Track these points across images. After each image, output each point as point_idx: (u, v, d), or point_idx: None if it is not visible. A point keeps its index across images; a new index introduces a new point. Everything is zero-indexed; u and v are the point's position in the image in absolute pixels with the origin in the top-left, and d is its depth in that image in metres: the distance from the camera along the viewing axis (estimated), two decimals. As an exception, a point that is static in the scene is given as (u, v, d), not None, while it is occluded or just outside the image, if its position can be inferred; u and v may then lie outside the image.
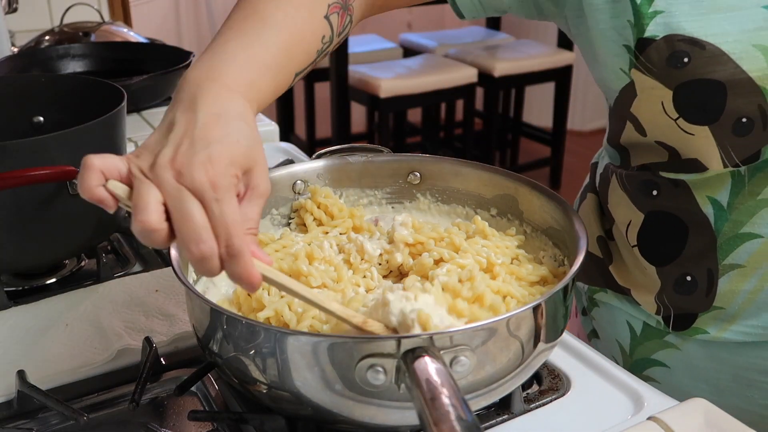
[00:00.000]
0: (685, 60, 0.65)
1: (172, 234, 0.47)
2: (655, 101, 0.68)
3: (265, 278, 0.49)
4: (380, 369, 0.47)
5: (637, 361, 0.82)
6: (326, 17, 0.64)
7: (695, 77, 0.65)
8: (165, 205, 0.47)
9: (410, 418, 0.52)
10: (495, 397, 0.56)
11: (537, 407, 0.62)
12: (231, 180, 0.48)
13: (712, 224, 0.71)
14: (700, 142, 0.67)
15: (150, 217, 0.46)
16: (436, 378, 0.44)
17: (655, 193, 0.74)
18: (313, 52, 0.64)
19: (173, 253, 0.58)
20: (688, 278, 0.74)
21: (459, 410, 0.42)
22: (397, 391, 0.48)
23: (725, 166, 0.68)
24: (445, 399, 0.43)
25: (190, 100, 0.52)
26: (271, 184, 0.73)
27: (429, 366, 0.45)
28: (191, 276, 0.63)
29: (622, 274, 0.81)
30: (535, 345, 0.54)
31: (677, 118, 0.67)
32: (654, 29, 0.65)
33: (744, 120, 0.65)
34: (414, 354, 0.46)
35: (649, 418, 0.58)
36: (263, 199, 0.51)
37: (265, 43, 0.59)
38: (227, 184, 0.48)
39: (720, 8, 0.64)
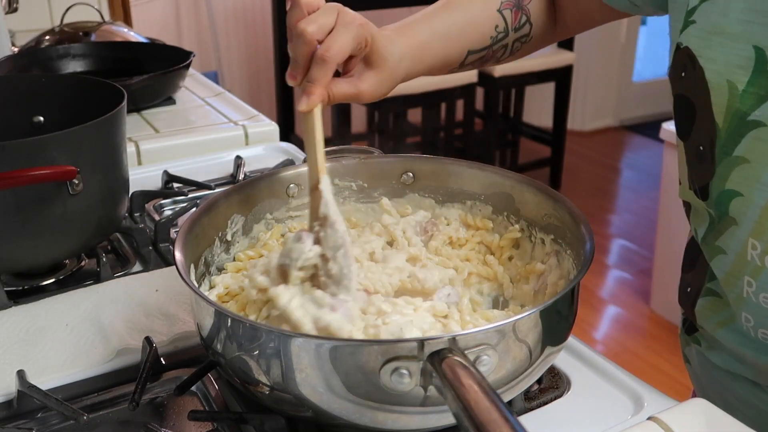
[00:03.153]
0: (683, 74, 0.66)
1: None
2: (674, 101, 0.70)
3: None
4: (405, 372, 0.47)
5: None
6: (499, 11, 0.79)
7: (682, 92, 0.67)
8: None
9: (421, 421, 0.52)
10: (507, 397, 0.56)
11: (537, 406, 0.62)
12: (362, 31, 0.64)
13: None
14: (681, 155, 0.70)
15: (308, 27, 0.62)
16: (469, 378, 0.44)
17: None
18: (486, 37, 0.78)
19: (177, 255, 0.58)
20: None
21: (498, 410, 0.42)
22: (422, 394, 0.48)
23: (689, 186, 0.70)
24: (484, 399, 0.43)
25: None
26: (265, 189, 0.74)
27: (459, 366, 0.45)
28: (193, 275, 0.63)
29: None
30: (546, 346, 0.54)
31: (677, 126, 0.70)
32: (683, 38, 0.66)
33: (701, 148, 0.66)
34: (440, 355, 0.46)
35: (649, 418, 0.58)
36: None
37: (443, 18, 0.76)
38: (357, 32, 0.63)
39: (722, 32, 0.63)
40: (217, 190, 1.04)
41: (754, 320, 0.67)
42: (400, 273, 0.66)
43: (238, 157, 1.13)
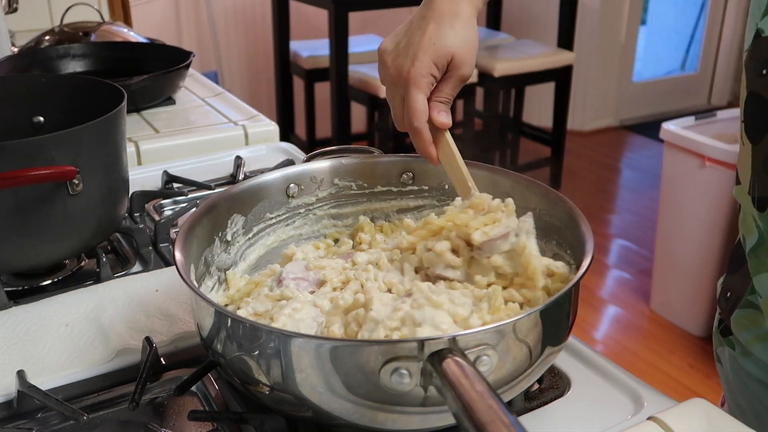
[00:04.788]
0: (764, 72, 0.61)
1: None
2: (742, 90, 0.66)
3: (442, 155, 0.69)
4: (405, 372, 0.47)
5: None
6: None
7: (761, 93, 0.61)
8: None
9: (421, 421, 0.52)
10: (507, 397, 0.56)
11: (537, 406, 0.62)
12: (425, 79, 0.65)
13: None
14: (745, 157, 0.66)
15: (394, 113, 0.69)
16: (468, 378, 0.44)
17: None
18: None
19: (177, 255, 0.58)
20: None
21: (497, 410, 0.42)
22: (422, 394, 0.48)
23: (748, 191, 0.66)
24: (484, 399, 0.43)
25: (428, 3, 0.68)
26: (265, 189, 0.74)
27: (459, 366, 0.45)
28: (193, 275, 0.63)
29: None
30: (546, 346, 0.54)
31: (743, 121, 0.66)
32: (765, 24, 0.60)
33: None
34: (440, 355, 0.46)
35: (649, 418, 0.58)
36: (461, 82, 0.68)
37: None
38: (419, 81, 0.65)
39: None
40: (217, 190, 1.04)
41: None
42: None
43: (238, 157, 1.13)
